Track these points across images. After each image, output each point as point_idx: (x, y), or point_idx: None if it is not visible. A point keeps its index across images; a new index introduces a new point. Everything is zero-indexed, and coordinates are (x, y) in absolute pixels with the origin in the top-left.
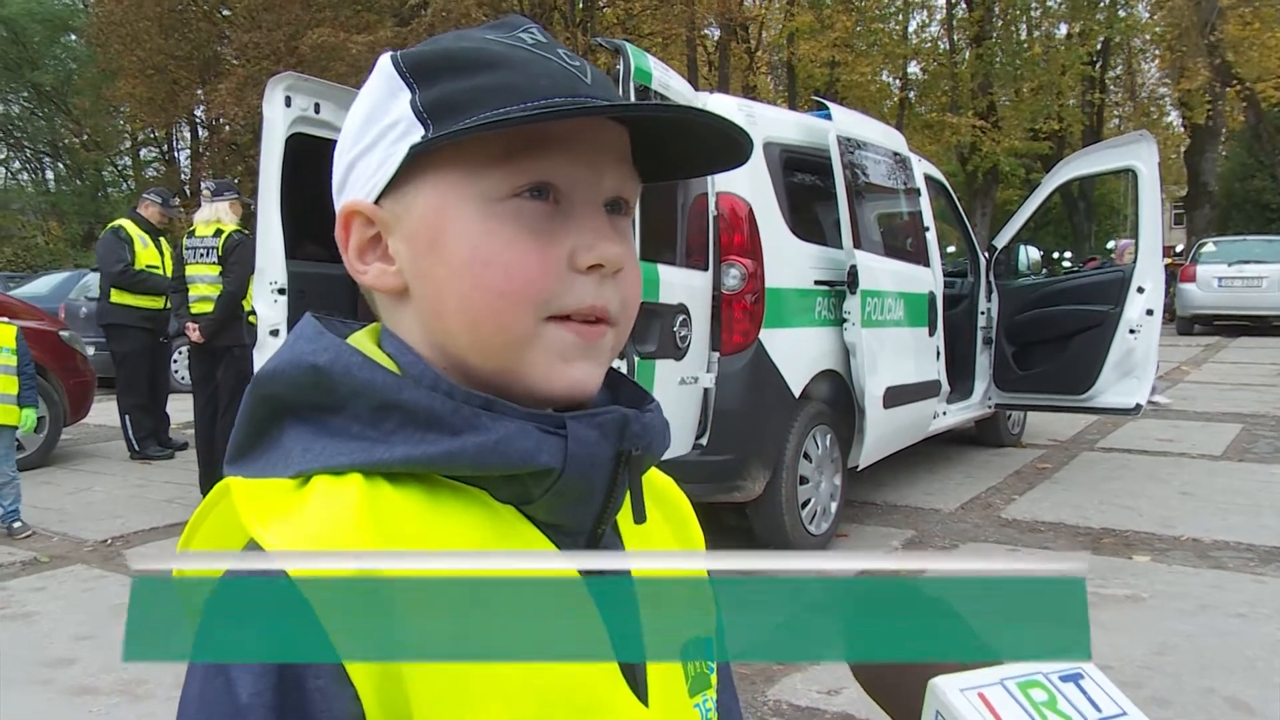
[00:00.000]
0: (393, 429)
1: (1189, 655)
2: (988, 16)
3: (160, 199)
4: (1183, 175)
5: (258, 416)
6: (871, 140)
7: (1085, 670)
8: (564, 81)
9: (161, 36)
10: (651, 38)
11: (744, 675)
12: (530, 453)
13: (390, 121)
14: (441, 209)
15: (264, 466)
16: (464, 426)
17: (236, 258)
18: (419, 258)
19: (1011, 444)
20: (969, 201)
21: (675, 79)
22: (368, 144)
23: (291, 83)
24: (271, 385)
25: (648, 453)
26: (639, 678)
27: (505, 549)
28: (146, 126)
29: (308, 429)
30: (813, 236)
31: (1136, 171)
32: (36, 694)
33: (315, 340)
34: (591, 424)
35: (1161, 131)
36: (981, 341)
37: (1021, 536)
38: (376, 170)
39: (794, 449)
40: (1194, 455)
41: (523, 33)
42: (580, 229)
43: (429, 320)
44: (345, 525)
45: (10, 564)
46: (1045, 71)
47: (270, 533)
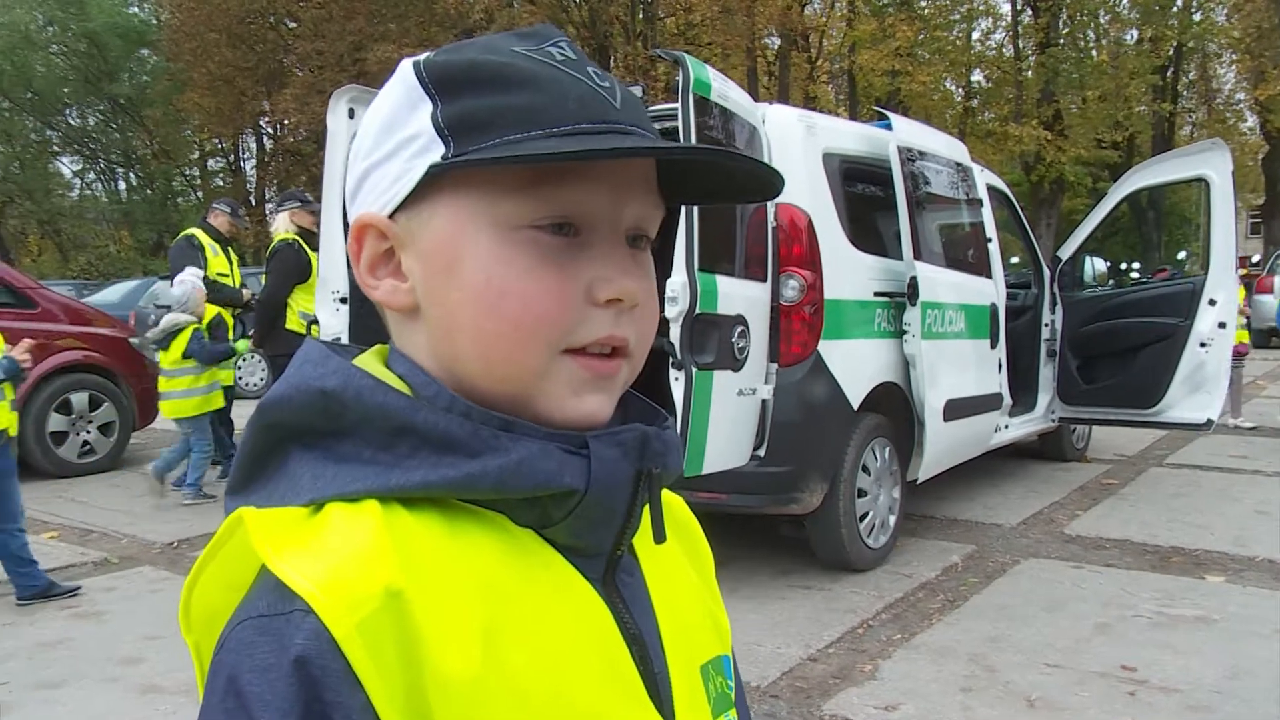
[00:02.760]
0: (407, 453)
1: (1264, 680)
2: (1054, 23)
3: (229, 209)
4: (1260, 183)
5: (262, 444)
6: (933, 150)
7: None
8: (593, 105)
9: (229, 48)
10: (711, 47)
11: (800, 689)
12: (553, 474)
13: (410, 134)
14: (458, 232)
15: (270, 496)
16: (483, 448)
17: (273, 266)
18: (433, 279)
19: (1076, 459)
20: (1034, 211)
21: (734, 89)
22: (385, 154)
23: (355, 95)
24: (277, 413)
25: (666, 470)
26: (664, 698)
27: (526, 572)
28: (214, 137)
29: (315, 456)
30: (873, 247)
31: (1209, 181)
32: (107, 691)
33: (322, 364)
34: (613, 443)
35: (1238, 138)
36: (1045, 354)
37: (1085, 554)
38: (393, 184)
39: (852, 461)
40: (1269, 473)
41: (552, 46)
42: (600, 262)
43: (439, 341)
44: (366, 555)
45: (82, 564)
46: (1113, 78)
47: (288, 565)
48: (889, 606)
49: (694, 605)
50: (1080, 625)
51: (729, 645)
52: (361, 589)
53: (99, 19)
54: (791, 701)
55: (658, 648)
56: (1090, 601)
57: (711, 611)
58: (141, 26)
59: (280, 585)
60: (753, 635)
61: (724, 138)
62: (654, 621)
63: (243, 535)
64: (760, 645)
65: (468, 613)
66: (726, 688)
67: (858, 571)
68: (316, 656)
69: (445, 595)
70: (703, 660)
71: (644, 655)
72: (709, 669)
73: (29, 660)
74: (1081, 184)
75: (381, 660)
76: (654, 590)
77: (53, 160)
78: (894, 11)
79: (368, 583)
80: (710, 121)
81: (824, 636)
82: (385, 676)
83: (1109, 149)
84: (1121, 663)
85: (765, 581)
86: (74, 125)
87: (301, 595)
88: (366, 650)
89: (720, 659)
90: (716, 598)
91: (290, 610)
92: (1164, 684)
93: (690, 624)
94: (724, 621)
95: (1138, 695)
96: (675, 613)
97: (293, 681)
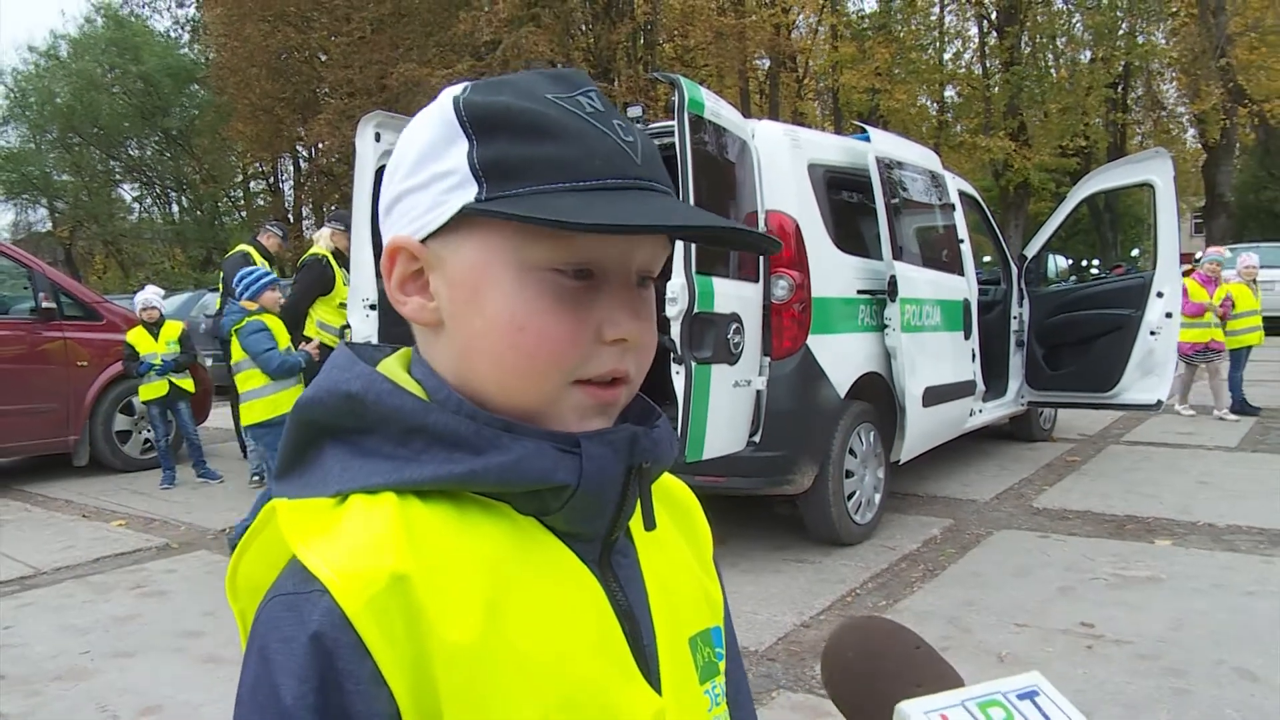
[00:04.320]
0: (421, 449)
1: (1202, 630)
2: (1016, 44)
3: (281, 232)
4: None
5: (299, 439)
6: (908, 160)
7: (1040, 687)
8: (617, 162)
9: (269, 80)
10: (707, 69)
11: (794, 653)
12: (548, 471)
13: (445, 169)
14: (484, 266)
15: (306, 484)
16: (486, 447)
17: (300, 276)
18: (457, 304)
19: (1043, 439)
20: (1003, 214)
21: (726, 108)
22: (419, 183)
23: (381, 120)
24: (311, 411)
25: (656, 464)
26: (652, 668)
27: (527, 556)
28: (255, 161)
29: (345, 448)
30: (855, 249)
31: (1154, 185)
32: (173, 660)
33: (348, 369)
34: (603, 442)
35: (1180, 148)
36: (1014, 344)
37: (1051, 524)
38: (426, 213)
39: (840, 445)
40: (1211, 447)
41: (582, 96)
42: (611, 304)
43: (459, 358)
44: (381, 540)
45: (147, 549)
46: (1071, 94)
47: (313, 551)
48: (874, 576)
49: (686, 582)
50: (1045, 588)
51: (721, 617)
52: (370, 572)
53: (151, 61)
54: (786, 664)
55: (648, 622)
56: (1055, 567)
57: (704, 586)
58: (191, 66)
59: (303, 569)
60: (750, 605)
61: (717, 151)
62: (645, 598)
63: (276, 523)
64: (757, 613)
65: (471, 590)
66: (715, 657)
67: (846, 545)
68: (330, 630)
69: (450, 575)
70: (692, 632)
71: (634, 629)
72: (698, 640)
73: (105, 633)
74: (1046, 188)
75: (390, 633)
76: (647, 570)
77: (115, 188)
78: (872, 35)
79: (376, 567)
80: (704, 137)
81: (815, 605)
82: (394, 647)
83: (1070, 156)
84: (1081, 620)
85: (761, 556)
86: (133, 156)
87: (319, 578)
88: (376, 625)
89: (710, 631)
90: (711, 574)
91: (310, 590)
92: (1117, 637)
93: (681, 599)
94: (717, 596)
95: (1094, 648)
96: (666, 590)
97: (309, 652)
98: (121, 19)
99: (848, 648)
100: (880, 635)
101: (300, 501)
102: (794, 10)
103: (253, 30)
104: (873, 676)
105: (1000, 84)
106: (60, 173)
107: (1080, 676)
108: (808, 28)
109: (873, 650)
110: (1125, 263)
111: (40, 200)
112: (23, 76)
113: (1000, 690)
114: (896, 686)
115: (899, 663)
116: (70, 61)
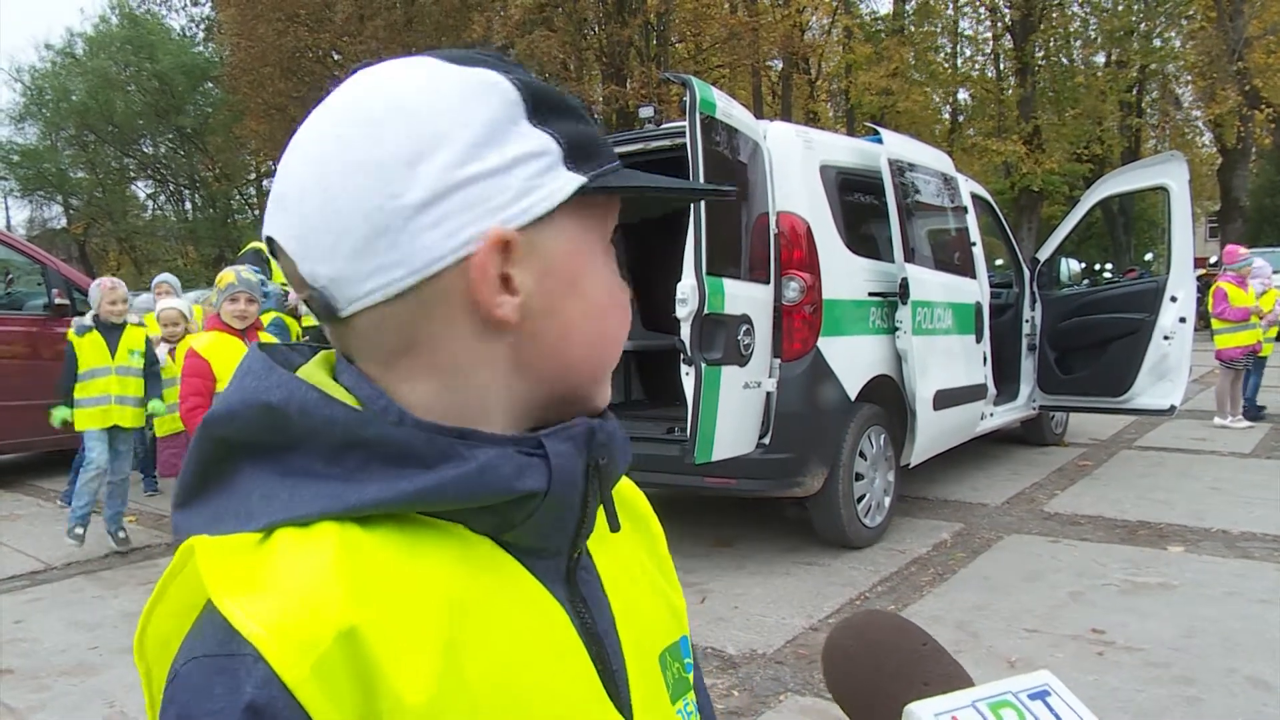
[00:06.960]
0: (357, 466)
1: (1214, 638)
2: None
3: None
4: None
5: (207, 457)
6: (920, 162)
7: (1051, 687)
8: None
9: (282, 80)
10: (720, 69)
11: (803, 655)
12: (512, 478)
13: (529, 150)
14: (580, 249)
15: (218, 515)
16: (439, 459)
17: None
18: (554, 294)
19: (1054, 443)
20: (1016, 217)
21: (737, 108)
22: (495, 167)
23: None
24: (224, 427)
25: (612, 462)
26: (622, 693)
27: (486, 584)
28: (268, 160)
29: (264, 469)
30: (867, 251)
31: (1168, 189)
32: None
33: (265, 377)
34: (565, 437)
35: (1196, 151)
36: (1026, 347)
37: (1062, 529)
38: (518, 199)
39: (850, 448)
40: (1224, 453)
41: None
42: None
43: (540, 354)
44: (323, 588)
45: (156, 545)
46: (1086, 97)
47: (237, 606)
48: (884, 580)
49: (648, 593)
50: (1056, 593)
51: (685, 626)
52: (313, 631)
53: (166, 60)
54: (794, 667)
55: (615, 644)
56: (1065, 572)
57: (666, 595)
58: (205, 64)
59: (226, 624)
60: (759, 607)
61: (729, 153)
62: (611, 617)
63: (194, 566)
64: (766, 616)
65: (426, 633)
66: (684, 671)
67: (855, 548)
68: (267, 704)
69: (402, 620)
70: (660, 648)
71: (601, 653)
72: (666, 656)
73: (114, 629)
74: (1059, 192)
75: (337, 699)
76: (608, 585)
77: (129, 185)
78: (886, 36)
79: (319, 624)
80: (716, 138)
81: (824, 607)
82: (341, 713)
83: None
84: (1092, 626)
85: (771, 558)
86: (147, 153)
87: (251, 640)
88: (321, 692)
89: (678, 643)
90: (671, 578)
91: (242, 654)
92: (1128, 644)
93: (645, 614)
94: (679, 603)
95: (1105, 655)
96: (630, 605)
97: None
98: (137, 17)
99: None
100: (885, 630)
101: (220, 539)
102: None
103: (265, 30)
104: (877, 673)
105: (1013, 88)
106: (75, 170)
107: (1090, 683)
108: (820, 29)
109: (876, 643)
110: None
111: (55, 197)
112: (39, 74)
113: (1011, 690)
114: (903, 686)
115: (905, 660)
116: (86, 59)
